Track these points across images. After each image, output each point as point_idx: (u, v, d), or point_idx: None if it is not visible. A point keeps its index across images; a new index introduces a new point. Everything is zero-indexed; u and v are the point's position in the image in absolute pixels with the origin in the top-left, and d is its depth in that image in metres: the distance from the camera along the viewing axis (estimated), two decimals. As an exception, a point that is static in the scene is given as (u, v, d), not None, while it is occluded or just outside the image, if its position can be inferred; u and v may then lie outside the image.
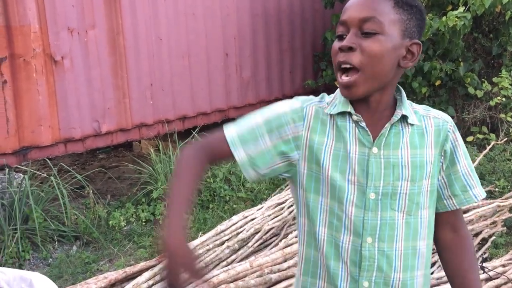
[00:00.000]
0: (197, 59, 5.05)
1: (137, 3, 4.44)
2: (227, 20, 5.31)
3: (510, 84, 5.10)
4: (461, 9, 4.56)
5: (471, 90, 5.19)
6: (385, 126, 1.08)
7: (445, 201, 1.16)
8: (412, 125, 1.10)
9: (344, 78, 1.04)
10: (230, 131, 1.12)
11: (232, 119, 5.68)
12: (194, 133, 4.90)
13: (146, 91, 4.61)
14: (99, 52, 4.20)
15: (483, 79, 5.27)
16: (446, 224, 1.19)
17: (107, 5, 4.22)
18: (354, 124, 1.09)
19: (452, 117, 5.31)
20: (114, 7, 4.27)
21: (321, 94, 1.18)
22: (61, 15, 3.90)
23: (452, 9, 4.76)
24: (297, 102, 1.14)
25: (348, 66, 1.03)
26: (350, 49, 1.03)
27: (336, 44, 1.06)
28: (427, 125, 1.12)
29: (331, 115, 1.11)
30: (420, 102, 5.38)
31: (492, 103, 5.09)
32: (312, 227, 1.14)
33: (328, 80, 5.87)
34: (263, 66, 5.80)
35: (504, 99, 5.11)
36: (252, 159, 1.10)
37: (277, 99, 6.04)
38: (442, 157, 1.12)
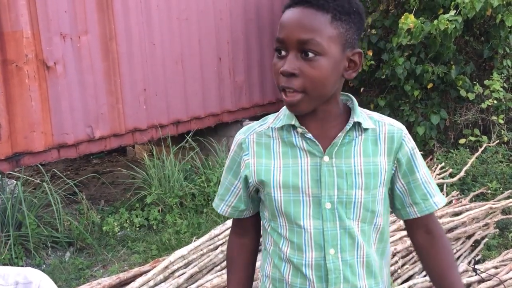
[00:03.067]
0: (191, 63, 5.06)
1: (130, 9, 4.44)
2: (220, 24, 5.32)
3: (501, 87, 5.13)
4: (452, 12, 4.59)
5: (463, 92, 5.23)
6: (338, 135, 1.07)
7: (407, 209, 1.16)
8: (366, 130, 1.09)
9: (289, 97, 1.03)
10: (215, 200, 1.26)
11: (226, 124, 5.66)
12: (187, 137, 4.90)
13: (139, 96, 4.61)
14: (92, 58, 4.19)
15: (474, 82, 5.31)
16: (420, 228, 1.19)
17: (100, 11, 4.22)
18: (300, 137, 1.09)
19: (444, 120, 5.37)
20: (106, 12, 4.27)
21: (264, 117, 1.19)
22: (53, 21, 3.89)
23: (444, 13, 4.80)
24: (239, 135, 1.18)
25: (291, 91, 1.02)
26: (292, 74, 1.01)
27: (277, 63, 1.04)
28: (380, 132, 1.10)
29: (277, 131, 1.11)
30: (412, 105, 5.42)
31: (483, 105, 5.13)
32: (276, 247, 1.14)
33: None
34: (256, 70, 5.81)
35: (495, 101, 5.15)
36: (235, 207, 1.21)
37: (270, 103, 6.09)
38: (396, 165, 1.11)
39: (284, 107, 1.13)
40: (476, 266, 2.79)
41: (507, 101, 5.26)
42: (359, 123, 1.08)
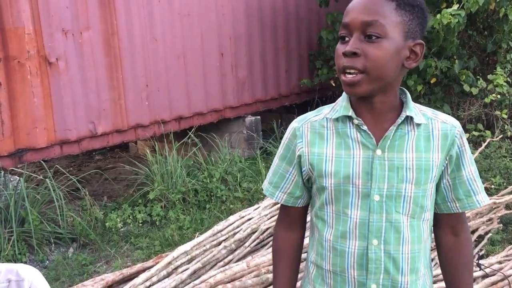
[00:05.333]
0: (193, 59, 5.05)
1: (132, 4, 4.43)
2: (222, 20, 5.30)
3: (505, 81, 5.11)
4: (455, 6, 4.57)
5: (466, 87, 5.20)
6: (390, 128, 1.08)
7: (449, 204, 1.16)
8: (418, 126, 1.10)
9: (348, 76, 1.04)
10: (264, 184, 1.26)
11: (228, 119, 5.64)
12: (190, 133, 4.90)
13: (141, 92, 4.60)
14: (94, 54, 4.19)
15: (478, 77, 5.28)
16: (448, 227, 1.20)
17: (102, 7, 4.21)
18: (355, 129, 1.10)
19: (448, 115, 5.35)
20: (108, 8, 4.26)
21: (319, 108, 1.21)
22: (55, 17, 3.89)
23: (447, 7, 4.77)
24: (294, 123, 1.19)
25: (352, 71, 1.04)
26: (354, 54, 1.03)
27: (340, 47, 1.06)
28: (434, 128, 1.11)
29: (332, 122, 1.13)
30: (415, 100, 5.39)
31: (487, 100, 5.10)
32: (319, 235, 1.18)
33: (323, 79, 5.87)
34: (258, 66, 5.80)
35: (499, 96, 5.13)
36: (291, 194, 1.21)
37: (273, 99, 6.08)
38: (447, 161, 1.12)
39: (340, 98, 1.15)
40: (480, 261, 2.79)
41: (511, 96, 5.24)
42: (411, 118, 1.09)
